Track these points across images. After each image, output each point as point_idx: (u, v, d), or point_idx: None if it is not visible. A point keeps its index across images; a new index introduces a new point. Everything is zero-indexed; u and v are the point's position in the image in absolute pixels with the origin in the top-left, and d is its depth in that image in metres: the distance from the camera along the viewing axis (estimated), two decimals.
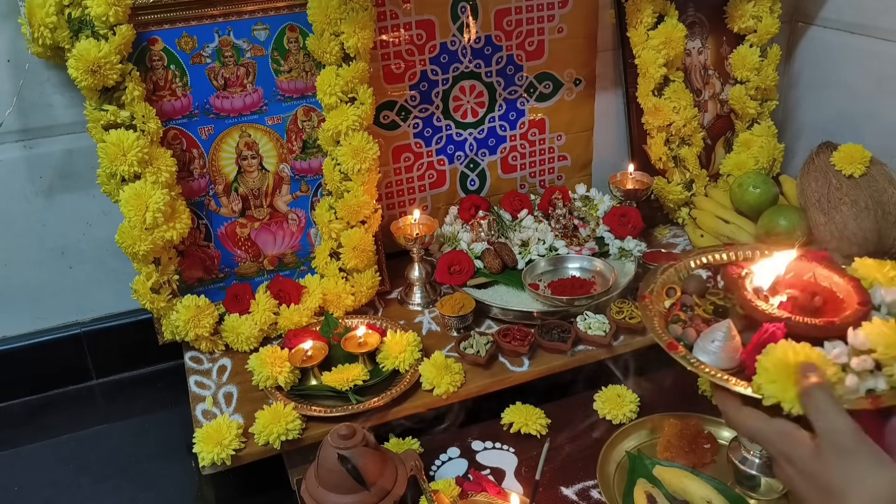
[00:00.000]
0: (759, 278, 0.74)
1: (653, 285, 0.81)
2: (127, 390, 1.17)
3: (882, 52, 1.30)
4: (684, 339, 0.74)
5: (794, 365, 0.62)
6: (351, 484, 0.81)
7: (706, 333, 0.71)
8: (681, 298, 0.79)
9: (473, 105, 1.30)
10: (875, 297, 0.71)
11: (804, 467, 0.60)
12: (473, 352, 1.03)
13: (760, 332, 0.68)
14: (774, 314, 0.69)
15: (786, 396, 0.61)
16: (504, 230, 1.27)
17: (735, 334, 0.70)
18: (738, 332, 0.70)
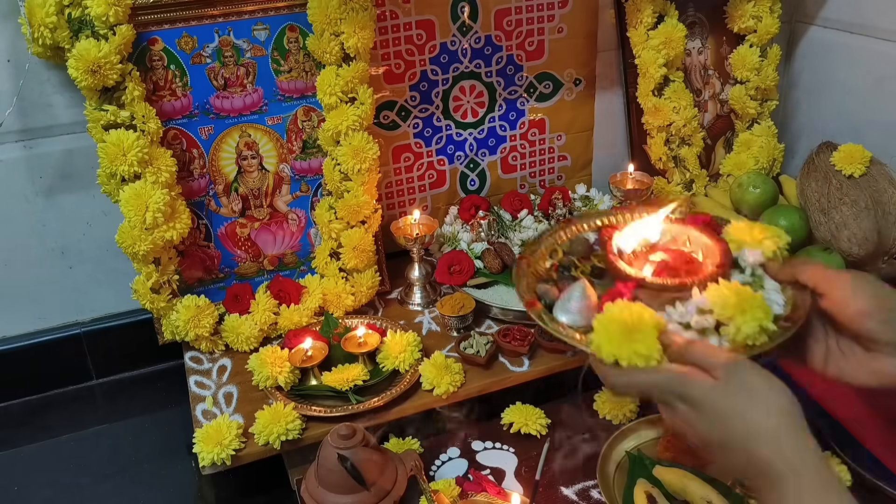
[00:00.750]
0: (624, 239, 0.74)
1: (536, 247, 0.80)
2: (127, 390, 1.17)
3: (882, 52, 1.30)
4: (545, 298, 0.73)
5: (628, 322, 0.63)
6: (351, 484, 0.81)
7: (564, 294, 0.71)
8: (561, 260, 0.78)
9: (473, 105, 1.30)
10: (742, 259, 0.72)
11: (707, 402, 0.60)
12: (473, 352, 1.03)
13: (611, 291, 0.69)
14: (630, 274, 0.70)
15: (622, 353, 0.62)
16: (504, 230, 1.27)
17: (591, 293, 0.70)
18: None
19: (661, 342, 0.63)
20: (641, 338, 0.63)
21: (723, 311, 0.65)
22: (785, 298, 0.69)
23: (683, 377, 0.61)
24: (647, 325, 0.63)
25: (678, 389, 0.62)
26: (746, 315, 0.64)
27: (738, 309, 0.64)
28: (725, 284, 0.67)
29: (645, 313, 0.64)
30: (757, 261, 0.71)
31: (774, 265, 0.71)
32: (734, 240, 0.73)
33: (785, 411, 0.58)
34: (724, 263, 0.71)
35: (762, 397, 0.59)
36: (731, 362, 0.61)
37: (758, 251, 0.72)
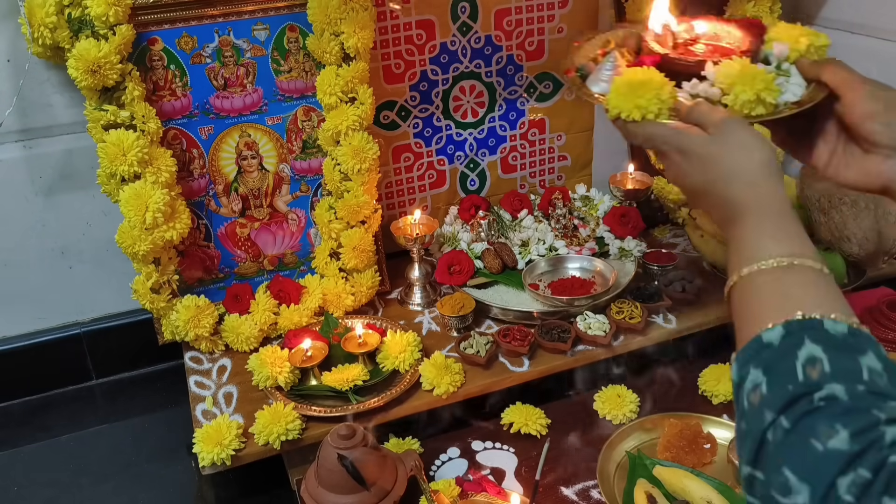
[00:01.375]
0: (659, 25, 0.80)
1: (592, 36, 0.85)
2: (127, 390, 1.17)
3: (882, 52, 1.30)
4: (583, 70, 0.79)
5: (639, 81, 0.69)
6: (351, 484, 0.81)
7: (598, 65, 0.77)
8: (611, 49, 0.82)
9: (473, 105, 1.30)
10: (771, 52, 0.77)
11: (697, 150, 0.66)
12: (473, 352, 1.03)
13: (635, 62, 0.75)
14: (657, 50, 0.76)
15: (625, 106, 0.69)
16: (504, 230, 1.27)
17: (621, 64, 0.76)
18: None
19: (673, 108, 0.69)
20: (643, 93, 0.68)
21: (724, 79, 0.71)
22: (804, 91, 0.73)
23: (681, 131, 0.68)
24: (651, 84, 0.69)
25: (675, 140, 0.68)
26: (745, 84, 0.69)
27: (739, 78, 0.70)
28: (737, 60, 0.72)
29: (655, 76, 0.70)
30: (783, 53, 0.76)
31: (805, 62, 0.75)
32: (773, 37, 0.78)
33: (763, 161, 0.64)
34: (749, 50, 0.76)
35: (746, 147, 0.65)
36: (725, 119, 0.66)
37: (785, 45, 0.76)
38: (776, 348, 0.52)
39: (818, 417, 0.47)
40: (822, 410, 0.47)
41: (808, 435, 0.46)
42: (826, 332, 0.51)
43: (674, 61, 0.75)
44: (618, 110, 0.70)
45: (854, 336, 0.51)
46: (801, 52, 0.75)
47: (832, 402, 0.47)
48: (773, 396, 0.50)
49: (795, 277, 0.57)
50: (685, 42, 0.80)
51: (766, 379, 0.51)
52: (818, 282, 0.57)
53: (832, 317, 0.52)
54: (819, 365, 0.49)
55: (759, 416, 0.50)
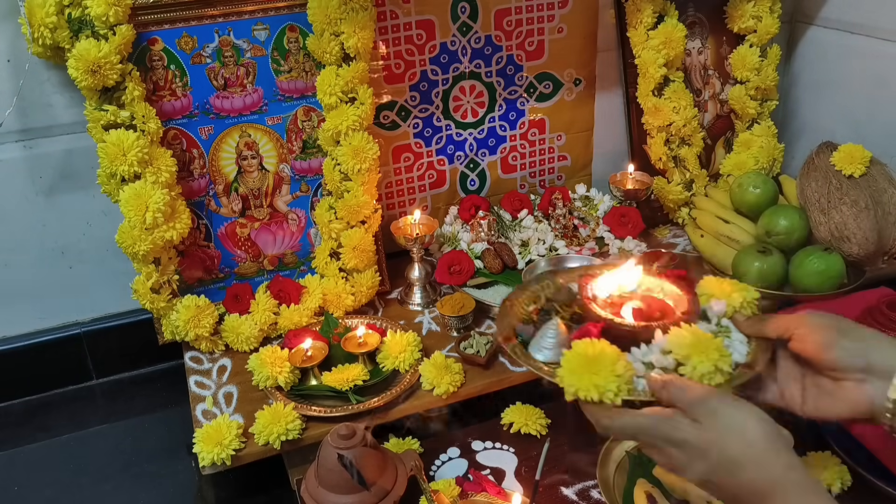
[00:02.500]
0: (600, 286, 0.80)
1: (522, 292, 0.85)
2: (127, 390, 1.17)
3: (882, 52, 1.30)
4: (523, 335, 0.78)
5: (591, 357, 0.67)
6: (351, 484, 0.81)
7: (540, 332, 0.76)
8: (544, 305, 0.82)
9: (473, 105, 1.30)
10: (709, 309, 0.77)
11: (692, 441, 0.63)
12: (473, 352, 1.03)
13: (580, 330, 0.73)
14: (601, 315, 0.75)
15: (581, 385, 0.66)
16: (504, 230, 1.27)
17: (563, 332, 0.75)
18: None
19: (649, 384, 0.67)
20: (599, 370, 0.66)
21: (679, 350, 0.69)
22: (749, 349, 0.73)
23: (664, 420, 0.65)
24: (606, 360, 0.67)
25: (663, 433, 0.64)
26: (702, 355, 0.68)
27: (695, 349, 0.68)
28: (686, 327, 0.71)
29: (607, 349, 0.68)
30: (721, 311, 0.76)
31: (741, 319, 0.75)
32: (705, 292, 0.78)
33: (760, 436, 0.61)
34: (691, 311, 0.76)
35: (738, 428, 0.62)
36: (704, 399, 0.64)
37: (723, 302, 0.76)
38: None
39: None
40: None
41: None
42: None
43: (619, 327, 0.73)
44: (574, 388, 0.67)
45: None
46: (735, 309, 0.76)
47: None
48: None
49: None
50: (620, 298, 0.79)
51: None
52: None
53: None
54: None
55: None
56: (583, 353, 0.68)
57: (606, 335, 0.72)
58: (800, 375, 0.72)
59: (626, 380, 0.67)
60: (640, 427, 0.66)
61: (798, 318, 0.71)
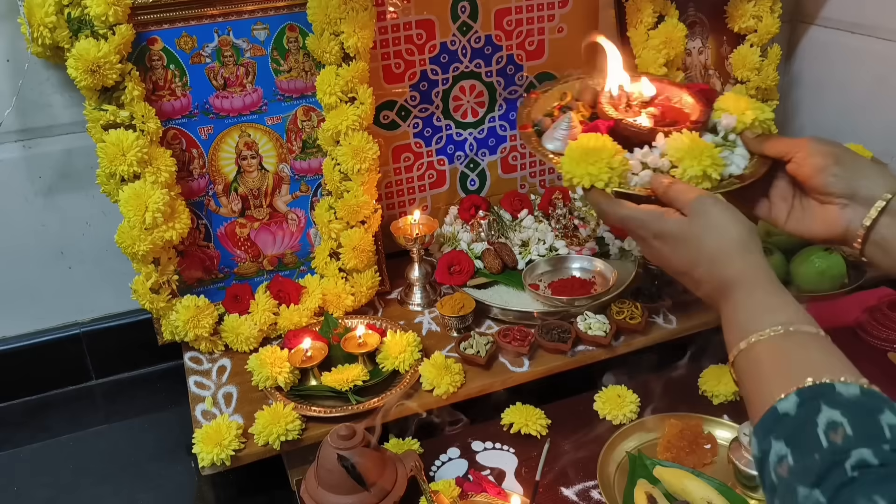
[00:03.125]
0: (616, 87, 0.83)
1: (550, 87, 0.88)
2: (127, 390, 1.17)
3: (882, 52, 1.30)
4: (540, 126, 0.81)
5: (591, 148, 0.71)
6: (351, 484, 0.81)
7: (554, 124, 0.79)
8: (568, 102, 0.84)
9: (473, 105, 1.30)
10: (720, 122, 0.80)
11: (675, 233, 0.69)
12: (473, 352, 1.03)
13: (589, 125, 0.77)
14: (612, 115, 0.78)
15: (577, 172, 0.71)
16: (504, 230, 1.26)
17: (576, 125, 0.78)
18: None
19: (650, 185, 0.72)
20: (594, 160, 0.70)
21: (674, 153, 0.73)
22: (748, 164, 0.76)
23: (657, 213, 0.70)
24: (603, 152, 0.70)
25: (651, 225, 0.70)
26: (693, 160, 0.72)
27: (688, 153, 0.72)
28: (686, 134, 0.74)
29: (607, 143, 0.71)
30: (730, 125, 0.78)
31: (749, 136, 0.78)
32: (721, 107, 0.80)
33: (741, 237, 0.66)
34: (699, 121, 0.78)
35: (722, 226, 0.67)
36: (697, 198, 0.69)
37: (733, 116, 0.78)
38: (794, 417, 0.52)
39: (855, 490, 0.46)
40: (858, 482, 0.46)
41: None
42: (840, 395, 0.51)
43: (627, 127, 0.76)
44: (570, 175, 0.72)
45: (867, 396, 0.51)
46: (746, 125, 0.78)
47: (865, 471, 0.47)
48: (802, 468, 0.49)
49: (796, 344, 0.57)
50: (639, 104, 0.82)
51: (790, 450, 0.50)
52: (819, 346, 0.57)
53: (842, 379, 0.52)
54: (840, 429, 0.49)
55: (791, 491, 0.49)
56: (584, 144, 0.72)
57: (616, 134, 0.75)
58: (790, 195, 0.77)
59: (618, 173, 0.71)
60: (633, 217, 0.72)
61: (799, 141, 0.75)
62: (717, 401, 1.00)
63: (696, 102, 0.81)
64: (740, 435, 0.85)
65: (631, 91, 0.83)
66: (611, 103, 0.80)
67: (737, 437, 0.86)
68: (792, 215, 0.77)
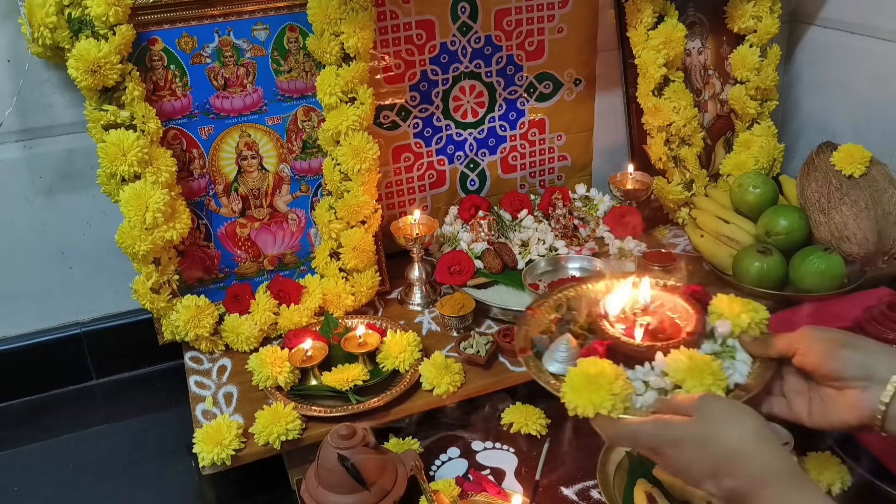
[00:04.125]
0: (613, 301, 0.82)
1: (545, 299, 0.88)
2: (127, 390, 1.17)
3: (882, 52, 1.30)
4: (539, 346, 0.80)
5: (592, 375, 0.70)
6: (351, 484, 0.81)
7: (552, 345, 0.79)
8: (564, 315, 0.85)
9: (473, 105, 1.30)
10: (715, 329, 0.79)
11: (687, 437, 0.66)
12: (473, 352, 1.03)
13: (587, 347, 0.76)
14: (609, 333, 0.77)
15: (580, 402, 0.69)
16: (504, 230, 1.27)
17: (574, 345, 0.78)
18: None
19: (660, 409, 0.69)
20: (595, 388, 0.69)
21: (675, 374, 0.72)
22: (751, 370, 0.75)
23: (663, 421, 0.68)
24: (604, 379, 0.69)
25: (662, 434, 0.67)
26: (695, 380, 0.70)
27: (689, 373, 0.71)
28: (684, 351, 0.74)
29: (607, 369, 0.70)
30: (726, 332, 0.78)
31: (747, 339, 0.77)
32: (715, 311, 0.80)
33: (756, 428, 0.65)
34: (696, 332, 0.78)
35: (733, 419, 0.66)
36: (701, 397, 0.68)
37: (727, 323, 0.78)
38: None
39: None
40: None
41: None
42: None
43: (624, 346, 0.76)
44: (573, 405, 0.70)
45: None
46: (743, 329, 0.77)
47: None
48: None
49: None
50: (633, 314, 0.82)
51: None
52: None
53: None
54: None
55: None
56: (584, 372, 0.71)
57: (614, 352, 0.75)
58: (805, 388, 0.75)
59: (622, 398, 0.69)
60: (638, 432, 0.68)
61: (800, 333, 0.74)
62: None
63: (690, 307, 0.81)
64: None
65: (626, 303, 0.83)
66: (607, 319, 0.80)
67: None
68: (814, 408, 0.73)
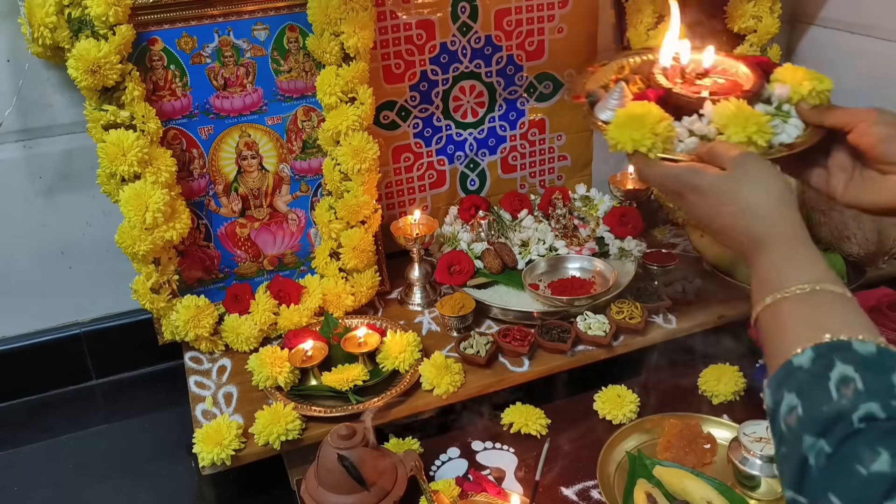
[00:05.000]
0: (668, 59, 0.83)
1: (609, 60, 0.89)
2: (127, 390, 1.17)
3: (882, 52, 1.30)
4: (594, 97, 0.82)
5: (637, 115, 0.71)
6: (351, 484, 0.81)
7: (607, 95, 0.80)
8: (625, 76, 0.85)
9: (473, 105, 1.30)
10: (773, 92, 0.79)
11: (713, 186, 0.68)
12: (473, 352, 1.03)
13: (640, 94, 0.77)
14: (662, 84, 0.78)
15: (621, 138, 0.71)
16: (504, 230, 1.27)
17: (627, 94, 0.79)
18: None
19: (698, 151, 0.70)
20: (639, 126, 0.70)
21: (719, 119, 0.72)
22: (800, 134, 0.75)
23: (695, 168, 0.70)
24: (648, 118, 0.70)
25: (688, 178, 0.69)
26: (738, 126, 0.71)
27: (733, 120, 0.72)
28: (734, 101, 0.74)
29: (654, 110, 0.71)
30: (784, 95, 0.77)
31: (805, 107, 0.76)
32: (778, 78, 0.79)
33: (778, 193, 0.66)
34: (751, 91, 0.78)
35: (760, 181, 0.67)
36: (741, 154, 0.69)
37: (786, 87, 0.77)
38: (807, 371, 0.53)
39: (859, 441, 0.47)
40: (863, 433, 0.48)
41: (852, 460, 0.47)
42: (855, 353, 0.52)
43: (677, 96, 0.77)
44: (615, 141, 0.72)
45: (882, 354, 0.52)
46: (802, 95, 0.76)
47: (872, 424, 0.48)
48: (810, 418, 0.50)
49: (820, 302, 0.58)
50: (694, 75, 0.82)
51: (800, 401, 0.51)
52: (842, 305, 0.57)
53: (860, 337, 0.53)
54: (852, 384, 0.50)
55: (797, 440, 0.50)
56: (631, 111, 0.72)
57: (666, 104, 0.75)
58: (850, 166, 0.75)
59: (662, 138, 0.70)
60: (669, 174, 0.71)
61: (862, 111, 0.74)
62: (716, 401, 1.00)
63: (752, 73, 0.81)
64: (740, 435, 0.85)
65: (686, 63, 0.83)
66: (664, 74, 0.80)
67: (736, 437, 0.86)
68: (851, 185, 0.74)
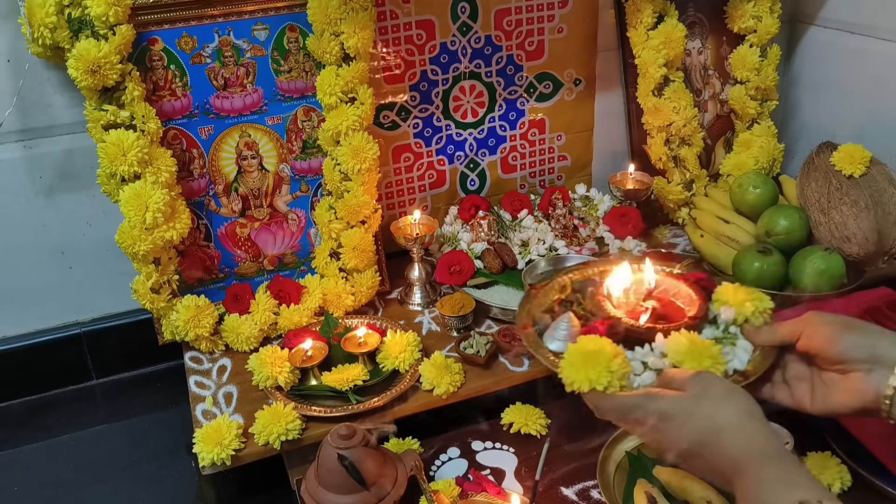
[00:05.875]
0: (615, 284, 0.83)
1: (549, 279, 0.89)
2: (127, 390, 1.17)
3: (882, 52, 1.30)
4: (540, 325, 0.82)
5: (590, 352, 0.70)
6: (351, 484, 0.81)
7: (554, 324, 0.80)
8: (567, 296, 0.85)
9: (473, 105, 1.30)
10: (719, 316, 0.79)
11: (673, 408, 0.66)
12: (473, 352, 1.03)
13: (588, 326, 0.77)
14: (610, 314, 0.78)
15: (576, 378, 0.70)
16: (504, 230, 1.27)
17: (576, 323, 0.79)
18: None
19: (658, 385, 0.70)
20: (593, 364, 0.69)
21: (674, 355, 0.72)
22: (751, 358, 0.75)
23: (653, 395, 0.68)
24: (601, 355, 0.70)
25: (649, 406, 0.67)
26: (694, 361, 0.71)
27: (688, 354, 0.71)
28: (685, 333, 0.74)
29: (606, 346, 0.71)
30: (729, 318, 0.78)
31: (750, 329, 0.77)
32: (719, 299, 0.80)
33: (745, 408, 0.65)
34: (698, 317, 0.78)
35: (724, 398, 0.66)
36: (696, 374, 0.68)
37: (731, 309, 0.78)
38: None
39: None
40: None
41: None
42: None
43: (626, 327, 0.77)
44: (570, 380, 0.71)
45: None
46: (746, 316, 0.77)
47: None
48: None
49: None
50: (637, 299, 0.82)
51: None
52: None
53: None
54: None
55: None
56: (583, 348, 0.71)
57: (614, 333, 0.75)
58: (808, 374, 0.75)
59: (618, 376, 0.69)
60: (627, 405, 0.69)
61: (804, 318, 0.74)
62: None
63: (694, 294, 0.81)
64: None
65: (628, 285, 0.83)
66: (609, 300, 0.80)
67: None
68: (816, 394, 0.73)
